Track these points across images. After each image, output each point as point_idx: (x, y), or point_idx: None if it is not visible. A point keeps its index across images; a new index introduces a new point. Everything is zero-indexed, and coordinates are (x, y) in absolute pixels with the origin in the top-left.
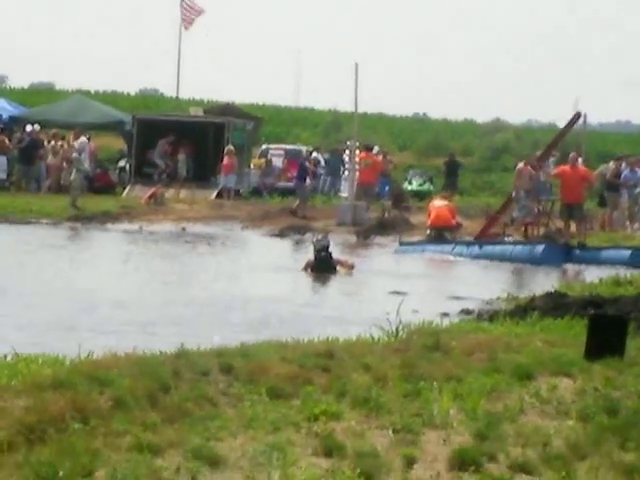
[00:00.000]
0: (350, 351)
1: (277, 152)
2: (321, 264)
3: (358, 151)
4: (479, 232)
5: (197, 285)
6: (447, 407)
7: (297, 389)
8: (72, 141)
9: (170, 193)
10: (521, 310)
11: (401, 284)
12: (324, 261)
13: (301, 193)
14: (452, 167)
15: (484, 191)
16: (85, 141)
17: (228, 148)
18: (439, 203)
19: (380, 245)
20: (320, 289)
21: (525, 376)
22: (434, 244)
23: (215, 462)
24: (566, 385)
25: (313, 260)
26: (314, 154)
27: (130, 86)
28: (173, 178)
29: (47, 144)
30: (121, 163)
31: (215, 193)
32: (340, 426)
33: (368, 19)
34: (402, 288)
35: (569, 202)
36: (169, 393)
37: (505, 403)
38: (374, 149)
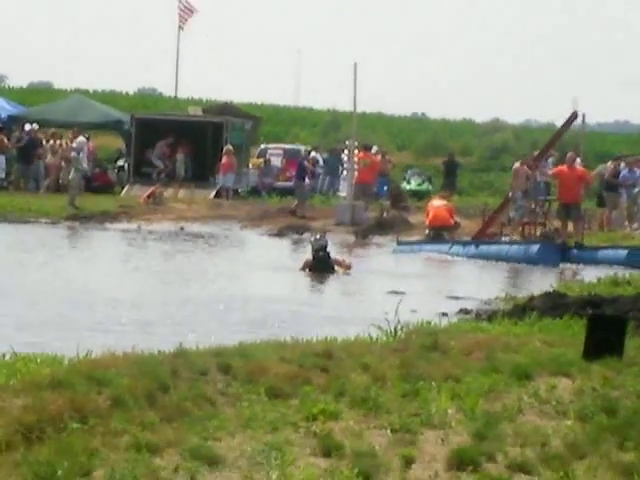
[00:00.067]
0: (348, 351)
1: (276, 152)
2: (319, 264)
3: (357, 151)
4: (477, 232)
5: (195, 285)
6: (445, 407)
7: (295, 389)
8: (71, 140)
9: (169, 192)
10: (520, 310)
11: (399, 284)
12: (322, 261)
13: (300, 193)
14: (451, 167)
15: (483, 191)
16: (83, 140)
17: (227, 148)
18: (438, 203)
19: (379, 245)
20: (318, 289)
21: (524, 376)
22: (431, 244)
23: (213, 462)
24: (565, 385)
25: (311, 260)
26: (313, 154)
27: (129, 85)
28: (172, 177)
29: (46, 143)
30: (120, 162)
31: (214, 192)
32: (338, 426)
33: (367, 19)
34: (400, 288)
35: (566, 202)
36: (167, 393)
37: (503, 403)
38: (373, 149)
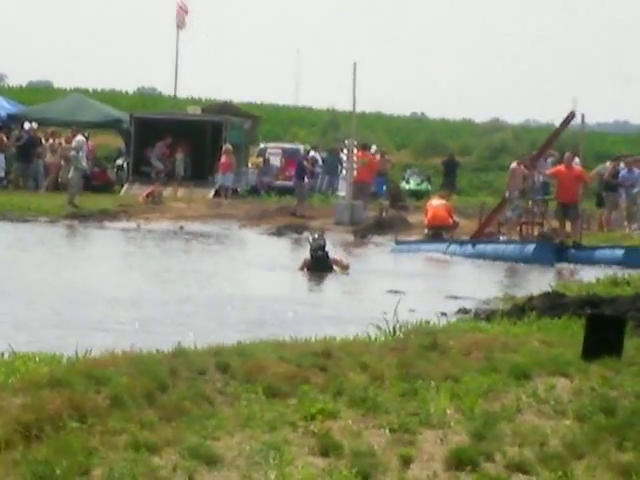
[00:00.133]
0: (347, 350)
1: (275, 151)
2: (317, 263)
3: (356, 150)
4: (475, 231)
5: (194, 284)
6: (444, 406)
7: (294, 388)
8: (70, 139)
9: (168, 191)
10: (518, 310)
11: (398, 283)
12: (320, 260)
13: (299, 192)
14: (450, 167)
15: (482, 190)
16: (83, 139)
17: (226, 147)
18: (437, 202)
19: (377, 244)
20: (317, 288)
21: (522, 376)
22: (429, 243)
23: (212, 461)
24: (563, 385)
25: (309, 259)
26: (312, 153)
27: (128, 85)
28: (171, 177)
29: (45, 142)
30: (119, 161)
31: (213, 192)
32: (337, 425)
33: (367, 19)
34: (399, 287)
35: (564, 202)
36: (166, 392)
37: (502, 403)
38: (372, 148)
